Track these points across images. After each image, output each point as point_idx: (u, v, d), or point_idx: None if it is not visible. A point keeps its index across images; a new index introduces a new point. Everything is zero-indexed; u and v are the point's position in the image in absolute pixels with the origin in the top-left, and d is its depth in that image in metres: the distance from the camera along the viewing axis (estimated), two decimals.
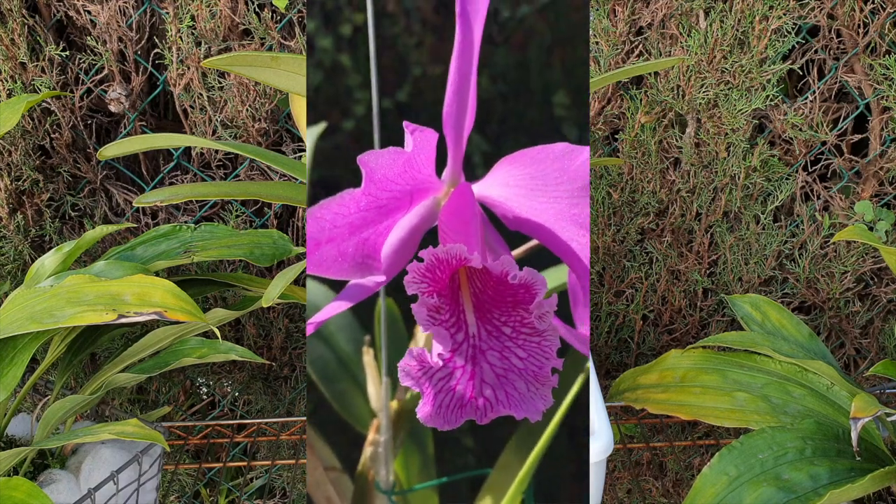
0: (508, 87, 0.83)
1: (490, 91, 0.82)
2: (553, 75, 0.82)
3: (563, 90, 0.83)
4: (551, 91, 0.83)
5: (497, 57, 0.83)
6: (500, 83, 0.83)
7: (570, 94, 0.82)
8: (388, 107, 0.84)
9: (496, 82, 0.83)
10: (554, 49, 0.82)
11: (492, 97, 0.83)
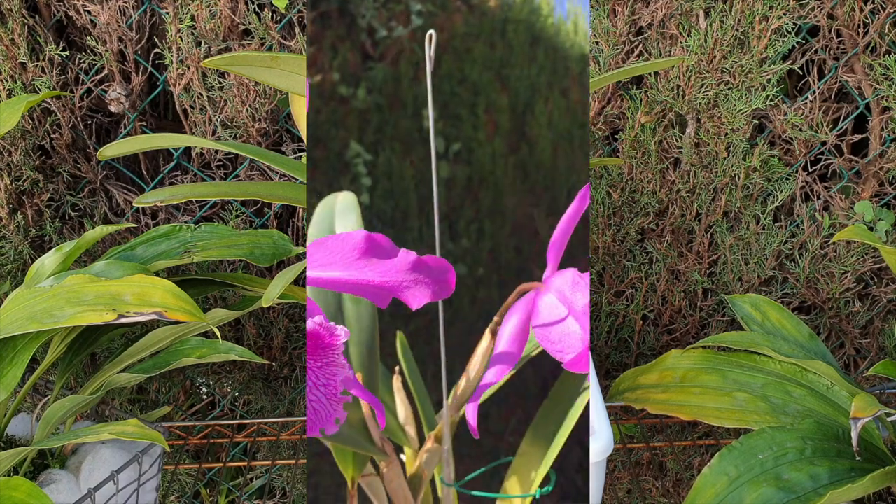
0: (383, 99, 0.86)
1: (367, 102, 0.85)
2: (421, 90, 0.86)
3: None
4: (421, 105, 0.86)
5: (374, 72, 0.85)
6: (376, 94, 0.85)
7: (437, 107, 0.86)
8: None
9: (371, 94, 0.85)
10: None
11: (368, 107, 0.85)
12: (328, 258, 0.58)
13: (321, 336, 0.58)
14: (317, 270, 0.58)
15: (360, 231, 0.58)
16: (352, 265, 0.58)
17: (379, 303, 0.60)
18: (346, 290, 0.59)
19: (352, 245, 0.58)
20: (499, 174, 0.88)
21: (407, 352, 0.74)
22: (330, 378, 0.58)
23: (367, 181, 0.86)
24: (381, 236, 0.58)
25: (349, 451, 0.69)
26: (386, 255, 0.58)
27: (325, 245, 0.58)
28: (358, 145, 0.85)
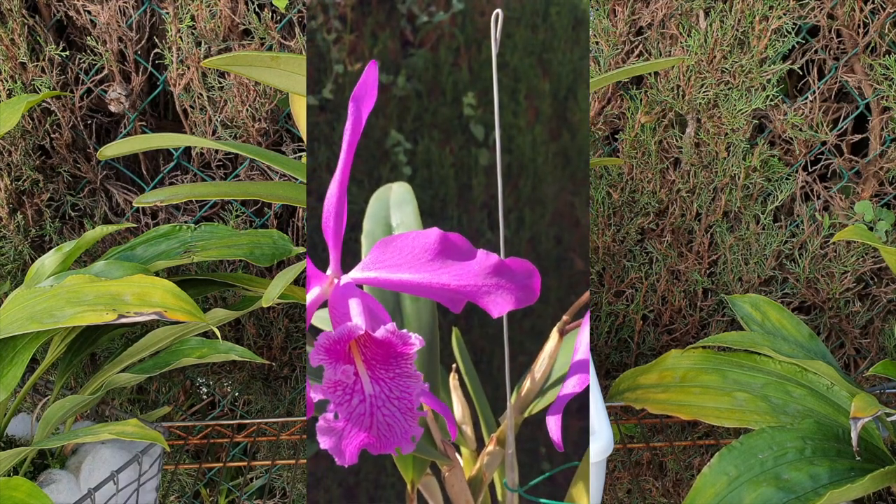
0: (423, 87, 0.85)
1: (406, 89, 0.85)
2: (462, 76, 0.85)
3: (472, 91, 0.85)
4: (461, 91, 0.85)
5: (414, 58, 0.84)
6: (415, 82, 0.85)
7: (477, 94, 0.85)
8: (313, 104, 0.85)
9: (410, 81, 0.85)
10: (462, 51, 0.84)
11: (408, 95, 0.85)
12: (397, 258, 0.54)
13: (393, 345, 0.52)
14: (383, 271, 0.54)
15: (433, 230, 0.54)
16: (424, 267, 0.53)
17: (452, 307, 0.55)
18: (417, 294, 0.54)
19: (424, 245, 0.53)
20: (539, 162, 0.87)
21: (463, 349, 0.71)
22: (405, 391, 0.53)
23: (407, 170, 0.85)
24: (458, 236, 0.54)
25: (409, 455, 0.66)
26: (463, 256, 0.53)
27: (393, 244, 0.54)
28: (398, 134, 0.84)
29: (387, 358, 0.53)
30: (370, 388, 0.52)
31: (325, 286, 0.55)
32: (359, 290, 0.55)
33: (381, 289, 0.65)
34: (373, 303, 0.55)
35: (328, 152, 0.85)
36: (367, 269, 0.55)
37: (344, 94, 0.84)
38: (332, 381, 0.51)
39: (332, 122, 0.85)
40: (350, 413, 0.52)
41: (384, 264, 0.54)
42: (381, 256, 0.54)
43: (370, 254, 0.55)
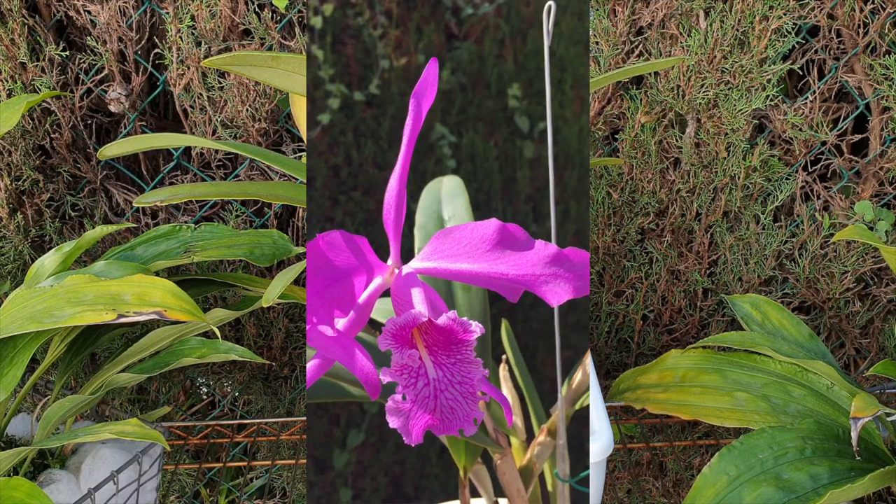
0: (467, 79, 0.85)
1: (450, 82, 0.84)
2: (507, 68, 0.84)
3: (517, 83, 0.85)
4: (506, 83, 0.85)
5: (458, 51, 0.84)
6: (460, 75, 0.84)
7: (522, 86, 0.85)
8: (360, 99, 0.85)
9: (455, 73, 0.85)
10: (507, 42, 0.84)
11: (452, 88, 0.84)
12: (455, 249, 0.55)
13: (454, 332, 0.54)
14: (442, 261, 0.55)
15: (492, 220, 0.55)
16: (482, 257, 0.55)
17: (509, 296, 0.57)
18: (476, 283, 0.56)
19: (482, 236, 0.55)
20: (585, 153, 0.87)
21: (512, 340, 0.72)
22: (466, 376, 0.55)
23: (451, 163, 0.85)
24: (516, 227, 0.55)
25: (462, 441, 0.68)
26: (521, 246, 0.55)
27: (451, 235, 0.56)
28: (442, 127, 0.84)
29: (448, 345, 0.54)
30: (433, 372, 0.54)
31: (387, 276, 0.57)
32: (420, 280, 0.57)
33: (434, 279, 0.67)
34: (430, 292, 0.57)
35: (374, 147, 0.85)
36: (426, 260, 0.56)
37: (390, 89, 0.84)
38: (399, 365, 0.53)
39: (378, 116, 0.85)
40: (416, 395, 0.54)
41: (443, 254, 0.55)
42: (439, 247, 0.56)
43: (429, 244, 0.56)
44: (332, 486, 0.88)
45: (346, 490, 0.88)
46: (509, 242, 0.55)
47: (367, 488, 0.88)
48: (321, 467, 0.88)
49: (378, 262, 0.57)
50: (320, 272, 0.55)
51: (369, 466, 0.88)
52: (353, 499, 0.89)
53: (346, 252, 0.56)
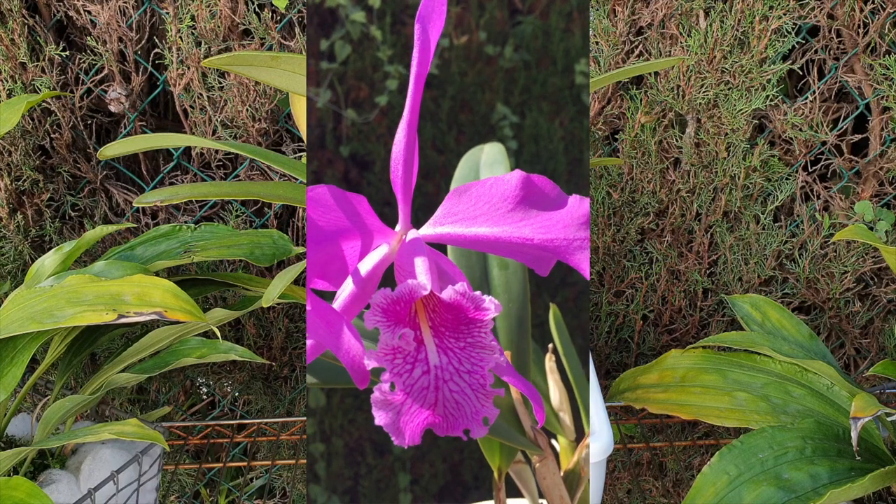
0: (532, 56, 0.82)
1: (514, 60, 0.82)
2: (574, 42, 0.81)
3: (584, 58, 0.82)
4: (573, 59, 0.82)
5: (522, 27, 0.81)
6: (524, 52, 0.82)
7: (591, 61, 0.81)
8: None
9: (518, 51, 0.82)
10: (574, 16, 0.81)
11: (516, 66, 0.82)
12: (472, 209, 0.45)
13: (464, 309, 0.44)
14: (457, 225, 0.46)
15: (515, 172, 0.45)
16: (503, 219, 0.45)
17: (538, 268, 0.47)
18: (495, 251, 0.46)
19: (503, 192, 0.45)
20: None
21: (561, 326, 0.64)
22: (476, 364, 0.45)
23: (513, 144, 0.82)
24: (544, 179, 0.45)
25: (496, 441, 0.59)
26: (550, 204, 0.45)
27: (467, 193, 0.46)
28: (504, 107, 0.81)
29: (457, 325, 0.45)
30: (436, 358, 0.45)
31: (394, 244, 0.48)
32: (429, 248, 0.47)
33: (467, 255, 0.58)
34: (448, 265, 0.48)
35: (434, 129, 0.81)
36: (438, 224, 0.47)
37: (450, 68, 0.80)
38: (389, 347, 0.44)
39: (437, 98, 0.81)
40: (411, 385, 0.44)
41: (458, 217, 0.46)
42: (454, 208, 0.46)
43: (442, 206, 0.47)
44: (390, 470, 0.85)
45: (405, 475, 0.85)
46: (536, 199, 0.45)
47: (426, 474, 0.85)
48: (379, 450, 0.85)
49: (381, 226, 0.48)
50: (308, 236, 0.46)
51: (428, 452, 0.85)
52: (411, 484, 0.85)
53: (335, 212, 0.46)
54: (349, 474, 0.90)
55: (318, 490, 0.88)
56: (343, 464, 0.88)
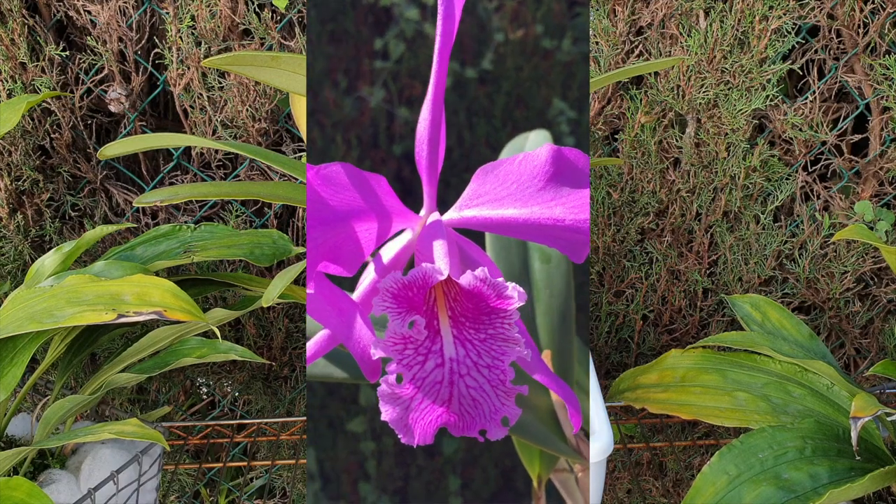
0: None
1: None
2: None
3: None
4: None
5: (580, 18, 0.78)
6: (582, 44, 0.78)
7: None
8: (472, 76, 0.81)
9: None
10: None
11: None
12: (499, 190, 0.42)
13: (485, 297, 0.40)
14: (484, 207, 0.42)
15: (545, 146, 0.42)
16: (533, 198, 0.41)
17: (573, 255, 0.43)
18: (525, 236, 0.42)
19: (533, 168, 0.41)
20: None
21: None
22: (497, 358, 0.41)
23: (570, 140, 0.80)
24: (576, 152, 0.41)
25: (536, 448, 0.55)
26: (584, 180, 0.41)
27: (495, 172, 0.42)
28: (561, 102, 0.79)
29: (478, 314, 0.41)
30: (452, 350, 0.41)
31: (418, 229, 0.44)
32: (454, 233, 0.44)
33: (506, 247, 0.54)
34: (478, 253, 0.44)
35: (487, 126, 0.79)
36: (464, 208, 0.43)
37: (505, 63, 0.78)
38: (398, 336, 0.41)
39: (491, 94, 0.79)
40: (422, 379, 0.41)
41: (485, 198, 0.42)
42: (480, 188, 0.43)
43: (469, 187, 0.43)
44: (440, 473, 0.83)
45: (455, 478, 0.82)
46: (568, 175, 0.41)
47: (477, 479, 0.83)
48: (430, 452, 0.83)
49: (403, 209, 0.44)
50: (312, 216, 0.42)
51: (479, 456, 0.83)
52: (461, 488, 0.82)
53: (349, 191, 0.42)
54: (399, 474, 0.87)
55: (368, 489, 0.86)
56: (393, 463, 0.86)
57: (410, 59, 0.81)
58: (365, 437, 0.88)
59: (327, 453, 0.88)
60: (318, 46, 0.85)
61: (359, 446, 0.87)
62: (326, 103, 0.85)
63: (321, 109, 0.85)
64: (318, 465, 0.88)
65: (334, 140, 0.86)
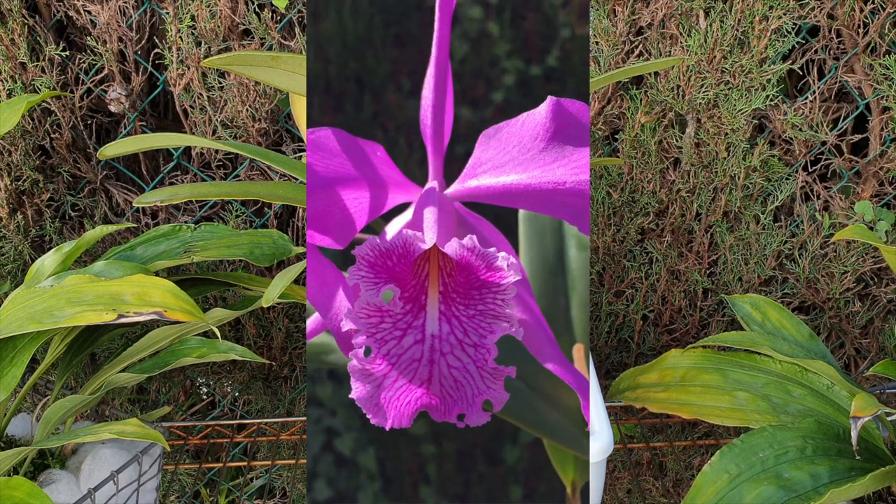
0: None
1: None
2: None
3: None
4: None
5: None
6: None
7: None
8: (537, 74, 0.81)
9: None
10: None
11: None
12: (502, 154, 0.38)
13: (474, 268, 0.36)
14: (486, 176, 0.38)
15: (546, 101, 0.38)
16: (534, 161, 0.37)
17: (580, 224, 0.39)
18: (529, 205, 0.38)
19: (534, 127, 0.38)
20: None
21: None
22: (483, 335, 0.37)
23: None
24: (579, 105, 0.38)
25: (570, 453, 0.51)
26: (586, 136, 0.38)
27: (498, 136, 0.39)
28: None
29: (468, 289, 0.37)
30: (435, 326, 0.37)
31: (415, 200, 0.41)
32: (457, 206, 0.40)
33: (541, 232, 0.49)
34: (490, 231, 0.40)
35: None
36: (467, 178, 0.39)
37: (571, 60, 0.77)
38: (370, 306, 0.37)
39: (557, 91, 0.78)
40: (398, 355, 0.37)
41: (488, 166, 0.38)
42: (483, 155, 0.39)
43: (473, 155, 0.40)
44: (502, 481, 0.81)
45: (517, 488, 0.79)
46: (572, 132, 0.37)
47: (541, 489, 0.80)
48: (491, 459, 0.81)
49: (403, 180, 0.41)
50: (308, 183, 0.39)
51: (545, 466, 0.81)
52: (523, 498, 0.80)
53: (338, 157, 0.39)
54: (460, 479, 0.85)
55: (428, 492, 0.85)
56: (454, 468, 0.85)
57: (474, 59, 0.81)
58: (425, 439, 0.86)
59: (388, 453, 0.87)
60: (384, 51, 0.85)
61: (419, 448, 0.86)
62: (390, 106, 0.85)
63: (384, 112, 0.85)
64: (378, 465, 0.87)
65: (398, 142, 0.86)
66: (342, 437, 0.88)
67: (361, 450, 0.87)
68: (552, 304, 0.50)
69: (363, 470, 0.87)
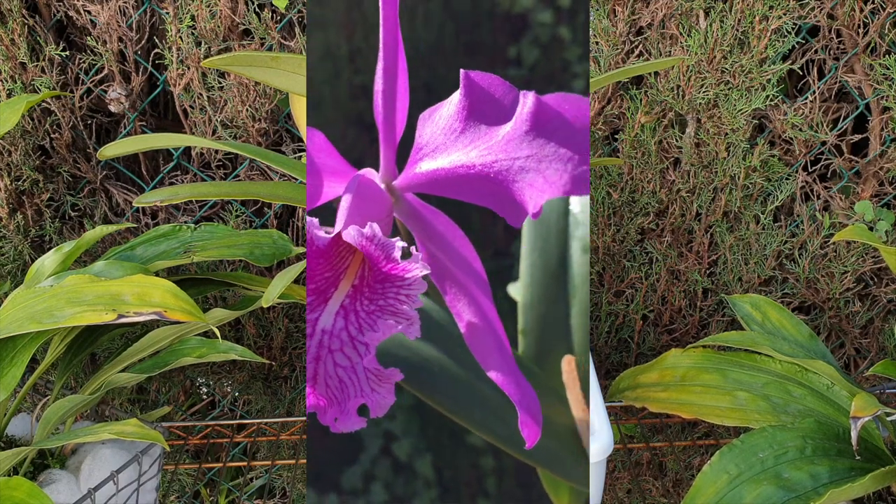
0: None
1: None
2: None
3: None
4: None
5: None
6: None
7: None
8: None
9: None
10: None
11: None
12: (434, 138, 0.35)
13: (374, 259, 0.34)
14: (422, 163, 0.35)
15: (461, 76, 0.34)
16: (455, 143, 0.34)
17: (509, 217, 0.35)
18: (452, 193, 0.35)
19: (454, 106, 0.34)
20: None
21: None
22: (373, 335, 0.34)
23: None
24: (494, 78, 0.33)
25: (562, 482, 0.46)
26: (503, 115, 0.33)
27: (431, 119, 0.35)
28: None
29: (374, 282, 0.35)
30: (329, 321, 0.34)
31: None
32: (371, 186, 0.36)
33: (545, 235, 0.47)
34: (445, 225, 0.36)
35: None
36: (410, 165, 0.36)
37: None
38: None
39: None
40: (307, 351, 0.35)
41: (423, 153, 0.35)
42: (419, 141, 0.36)
43: (415, 140, 0.37)
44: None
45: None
46: (486, 111, 0.33)
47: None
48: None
49: (341, 167, 0.38)
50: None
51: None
52: None
53: (319, 153, 0.38)
54: (520, 495, 0.83)
55: None
56: (514, 483, 0.84)
57: (545, 65, 0.80)
58: (485, 452, 0.85)
59: (446, 462, 0.86)
60: (454, 58, 0.84)
61: (479, 460, 0.86)
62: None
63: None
64: (435, 472, 0.86)
65: None
66: (400, 442, 0.87)
67: (419, 455, 0.87)
68: (551, 310, 0.47)
69: (420, 476, 0.86)
